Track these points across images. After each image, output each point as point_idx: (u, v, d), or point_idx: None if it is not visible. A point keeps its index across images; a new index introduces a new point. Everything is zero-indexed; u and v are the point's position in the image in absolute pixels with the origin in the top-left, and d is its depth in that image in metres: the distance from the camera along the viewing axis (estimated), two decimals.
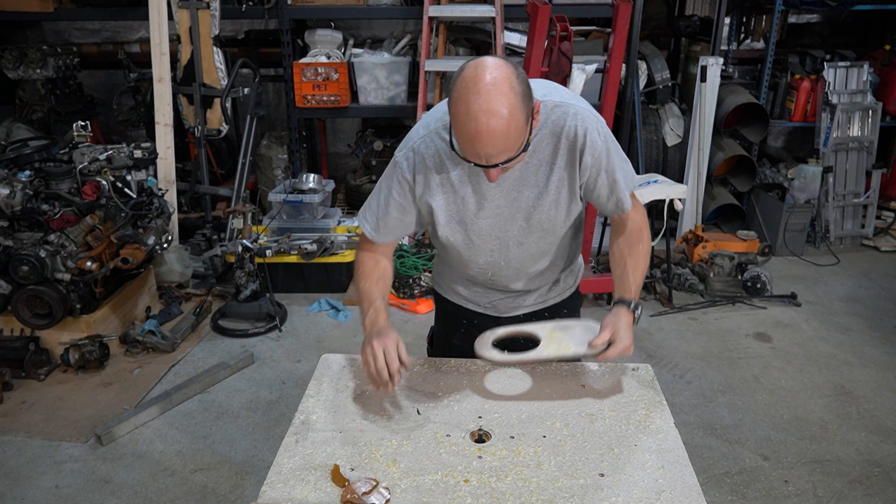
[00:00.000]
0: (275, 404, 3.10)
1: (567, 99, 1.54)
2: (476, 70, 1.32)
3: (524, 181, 1.56)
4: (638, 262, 1.65)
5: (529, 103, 1.36)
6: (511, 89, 1.31)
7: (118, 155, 3.50)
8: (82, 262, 3.22)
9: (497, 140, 1.32)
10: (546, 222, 1.61)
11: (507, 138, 1.33)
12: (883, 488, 2.57)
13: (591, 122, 1.51)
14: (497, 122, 1.30)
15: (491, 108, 1.29)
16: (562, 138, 1.52)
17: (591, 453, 1.41)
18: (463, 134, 1.35)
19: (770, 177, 5.30)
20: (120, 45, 5.58)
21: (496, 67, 1.32)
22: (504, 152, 1.35)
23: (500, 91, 1.30)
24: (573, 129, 1.50)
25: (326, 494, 1.31)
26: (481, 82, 1.30)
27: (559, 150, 1.53)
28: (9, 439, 2.84)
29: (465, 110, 1.31)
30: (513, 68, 1.34)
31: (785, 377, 3.32)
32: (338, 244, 4.20)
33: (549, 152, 1.54)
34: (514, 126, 1.32)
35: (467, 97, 1.31)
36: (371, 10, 4.65)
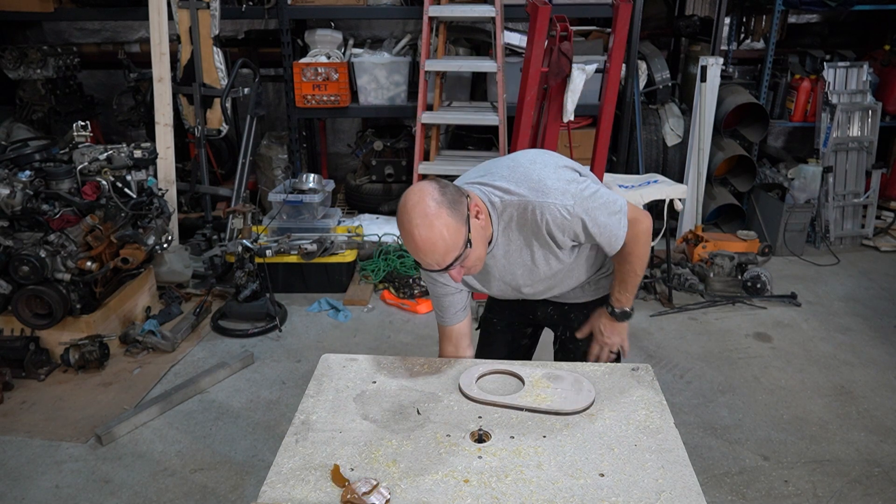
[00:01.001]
0: (275, 404, 3.10)
1: (526, 195, 1.63)
2: (405, 197, 1.54)
3: (511, 261, 1.75)
4: (625, 279, 1.85)
5: (459, 208, 1.53)
6: (433, 200, 1.50)
7: (118, 155, 3.50)
8: (82, 262, 3.22)
9: (435, 245, 1.50)
10: (546, 280, 1.82)
11: (445, 242, 1.50)
12: (883, 488, 2.57)
13: (553, 211, 1.63)
14: (427, 231, 1.49)
15: (419, 222, 1.49)
16: (528, 229, 1.67)
17: (591, 453, 1.41)
18: (409, 249, 1.55)
19: (770, 177, 5.30)
20: (120, 45, 5.58)
21: (417, 188, 1.54)
22: (447, 254, 1.52)
23: (423, 210, 1.49)
24: (534, 220, 1.64)
25: (326, 494, 1.31)
26: (408, 204, 1.52)
27: (530, 236, 1.69)
28: (9, 439, 2.84)
29: (403, 230, 1.53)
30: (435, 185, 1.54)
31: (785, 377, 3.32)
32: (338, 244, 4.20)
33: (523, 240, 1.71)
34: (445, 233, 1.50)
35: (402, 220, 1.53)
36: (371, 10, 4.65)
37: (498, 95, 4.30)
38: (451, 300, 1.84)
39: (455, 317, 1.85)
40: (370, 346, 3.63)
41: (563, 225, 1.64)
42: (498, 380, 1.70)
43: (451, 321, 1.86)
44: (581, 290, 1.95)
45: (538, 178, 1.64)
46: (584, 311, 2.00)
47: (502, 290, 1.87)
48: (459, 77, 4.94)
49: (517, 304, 2.05)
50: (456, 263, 1.55)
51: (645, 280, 4.17)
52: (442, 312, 1.86)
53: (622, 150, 4.74)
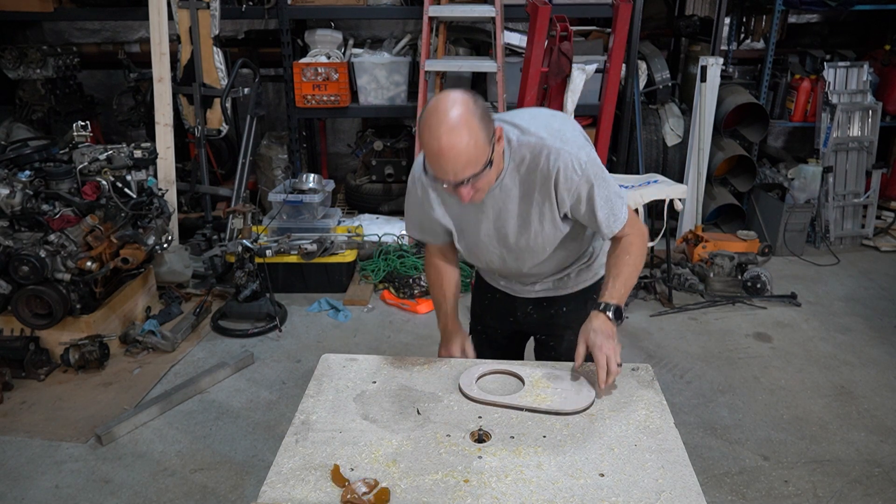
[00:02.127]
0: (275, 404, 3.10)
1: (545, 139, 1.61)
2: (436, 99, 1.49)
3: (507, 212, 1.70)
4: (621, 270, 1.70)
5: (489, 124, 1.49)
6: (467, 109, 1.45)
7: (118, 155, 3.50)
8: (82, 262, 3.22)
9: (459, 154, 1.44)
10: (534, 247, 1.74)
11: (469, 152, 1.45)
12: (883, 488, 2.57)
13: (566, 161, 1.59)
14: (456, 137, 1.43)
15: (450, 126, 1.43)
16: (537, 175, 1.62)
17: (591, 453, 1.41)
18: (429, 153, 1.48)
19: (770, 177, 5.30)
20: (120, 45, 5.58)
21: (453, 93, 1.48)
22: (467, 167, 1.47)
23: (457, 111, 1.44)
24: (546, 167, 1.60)
25: (326, 494, 1.31)
26: (441, 106, 1.46)
27: (535, 184, 1.64)
28: (9, 439, 2.84)
29: (428, 132, 1.46)
30: (470, 95, 1.49)
31: (785, 377, 3.32)
32: (338, 244, 4.20)
33: (526, 188, 1.65)
34: (472, 141, 1.44)
35: (429, 121, 1.46)
36: (371, 10, 4.65)
37: (498, 95, 4.30)
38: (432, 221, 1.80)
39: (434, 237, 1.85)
40: (370, 346, 3.63)
41: (570, 180, 1.59)
42: (498, 379, 1.70)
43: (432, 239, 1.87)
44: (561, 280, 1.92)
45: (559, 128, 1.62)
46: (564, 307, 1.96)
47: (487, 243, 1.77)
48: (459, 77, 4.93)
49: (499, 305, 2.02)
50: (471, 180, 1.50)
51: (645, 280, 4.18)
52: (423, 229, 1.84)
53: (622, 150, 4.74)
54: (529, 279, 1.92)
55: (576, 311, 1.92)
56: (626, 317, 1.68)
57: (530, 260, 1.80)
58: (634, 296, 4.10)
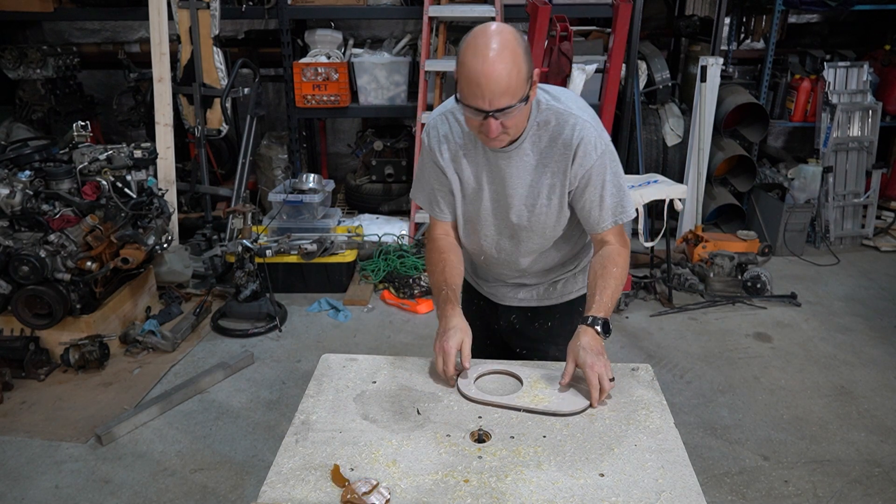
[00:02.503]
0: (275, 404, 3.10)
1: (573, 109, 1.59)
2: (486, 25, 1.45)
3: (520, 176, 1.63)
4: (608, 283, 1.62)
5: (530, 63, 1.45)
6: (515, 39, 1.41)
7: (118, 155, 3.50)
8: (82, 262, 3.22)
9: (500, 78, 1.39)
10: (536, 224, 1.69)
11: (510, 79, 1.40)
12: (883, 488, 2.57)
13: (590, 135, 1.57)
14: (501, 62, 1.39)
15: (497, 48, 1.39)
16: (558, 143, 1.58)
17: (591, 453, 1.41)
18: (469, 75, 1.41)
19: (770, 177, 5.29)
20: (120, 45, 5.58)
21: (503, 25, 1.45)
22: (505, 95, 1.41)
23: (505, 38, 1.40)
24: (570, 136, 1.57)
25: (326, 494, 1.30)
26: (489, 30, 1.42)
27: (554, 153, 1.60)
28: (9, 439, 2.84)
29: (473, 52, 1.40)
30: (517, 31, 1.46)
31: (785, 377, 3.32)
32: (338, 244, 4.20)
33: (544, 154, 1.61)
34: (515, 70, 1.40)
35: (476, 41, 1.41)
36: (371, 10, 4.65)
37: None
38: (444, 192, 1.74)
39: (445, 215, 1.78)
40: (370, 346, 3.63)
41: (589, 155, 1.56)
42: (497, 380, 1.70)
43: (442, 214, 1.78)
44: (547, 289, 1.88)
45: (587, 107, 1.62)
46: (549, 321, 1.90)
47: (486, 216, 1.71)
48: None
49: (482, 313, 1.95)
50: (503, 113, 1.43)
51: (645, 280, 4.18)
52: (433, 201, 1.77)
53: (622, 150, 4.74)
54: (515, 276, 1.86)
55: (560, 325, 1.87)
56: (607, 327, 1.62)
57: (525, 244, 1.73)
58: (634, 296, 4.10)
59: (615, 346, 3.60)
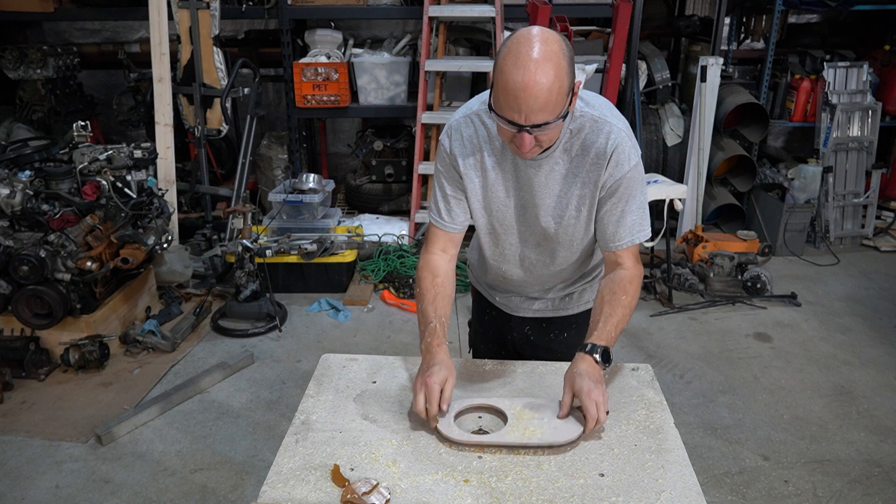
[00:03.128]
0: (275, 404, 3.10)
1: (608, 117, 1.52)
2: (529, 30, 1.34)
3: (549, 186, 1.56)
4: (615, 310, 1.54)
5: (573, 74, 1.36)
6: (561, 51, 1.32)
7: (118, 155, 3.50)
8: (82, 262, 3.22)
9: (540, 93, 1.30)
10: (564, 236, 1.62)
11: (550, 94, 1.31)
12: (883, 488, 2.57)
13: (625, 144, 1.49)
14: (543, 75, 1.29)
15: (540, 60, 1.29)
16: (591, 152, 1.51)
17: (591, 453, 1.41)
18: (508, 84, 1.31)
19: (770, 177, 5.30)
20: (120, 45, 5.58)
21: (548, 31, 1.35)
22: (543, 111, 1.32)
23: (549, 49, 1.31)
24: (604, 145, 1.49)
25: (326, 494, 1.31)
26: (534, 38, 1.31)
27: (585, 163, 1.52)
28: (9, 439, 2.84)
29: (513, 61, 1.30)
30: (563, 38, 1.36)
31: (785, 377, 3.32)
32: (338, 244, 4.20)
33: (575, 163, 1.53)
34: (557, 85, 1.31)
35: (518, 49, 1.31)
36: (371, 10, 4.65)
37: None
38: (457, 200, 1.63)
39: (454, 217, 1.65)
40: (370, 346, 3.63)
41: (621, 166, 1.48)
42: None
43: (450, 223, 1.65)
44: (563, 299, 1.83)
45: (620, 114, 1.56)
46: (565, 332, 1.84)
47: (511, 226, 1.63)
48: (459, 77, 4.93)
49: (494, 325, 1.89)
50: (539, 129, 1.35)
51: (645, 280, 4.17)
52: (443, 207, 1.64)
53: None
54: (534, 289, 1.79)
55: (578, 336, 1.67)
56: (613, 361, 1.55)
57: (550, 258, 1.66)
58: None
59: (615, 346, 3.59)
